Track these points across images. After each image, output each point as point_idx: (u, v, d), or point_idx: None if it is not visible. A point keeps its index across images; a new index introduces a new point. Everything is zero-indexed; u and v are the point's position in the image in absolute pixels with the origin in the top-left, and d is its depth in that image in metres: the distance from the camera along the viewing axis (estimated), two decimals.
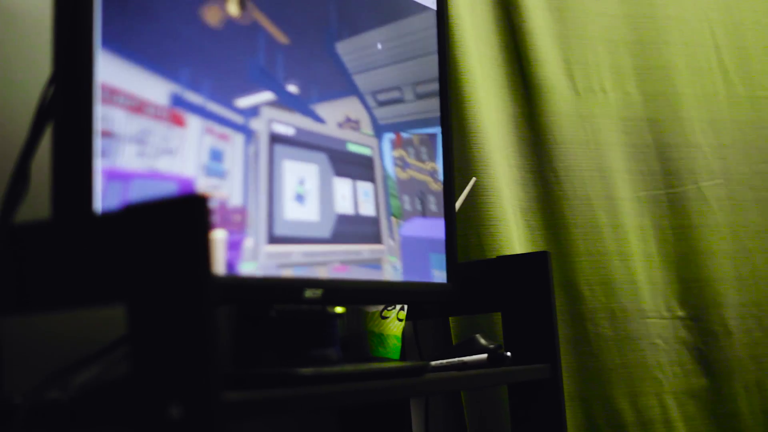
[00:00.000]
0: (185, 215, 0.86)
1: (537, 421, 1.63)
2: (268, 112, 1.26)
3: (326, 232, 1.33)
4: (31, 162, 1.09)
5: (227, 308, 1.28)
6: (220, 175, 1.16)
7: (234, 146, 1.20)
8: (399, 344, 1.62)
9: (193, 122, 1.15)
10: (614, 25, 2.17)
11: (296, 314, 1.28)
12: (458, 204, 1.78)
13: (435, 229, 1.55)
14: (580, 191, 2.06)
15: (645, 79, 2.17)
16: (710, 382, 2.07)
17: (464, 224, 1.97)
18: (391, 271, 1.44)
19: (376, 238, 1.43)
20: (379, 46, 1.47)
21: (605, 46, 2.16)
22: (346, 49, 1.41)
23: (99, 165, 1.03)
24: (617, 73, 2.17)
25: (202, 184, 1.14)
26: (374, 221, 1.43)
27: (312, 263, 1.29)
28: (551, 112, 2.08)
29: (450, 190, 1.62)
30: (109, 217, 0.95)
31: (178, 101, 1.13)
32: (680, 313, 2.08)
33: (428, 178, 1.55)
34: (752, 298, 2.12)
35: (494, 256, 1.83)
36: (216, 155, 1.18)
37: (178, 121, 1.13)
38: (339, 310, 1.38)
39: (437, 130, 1.57)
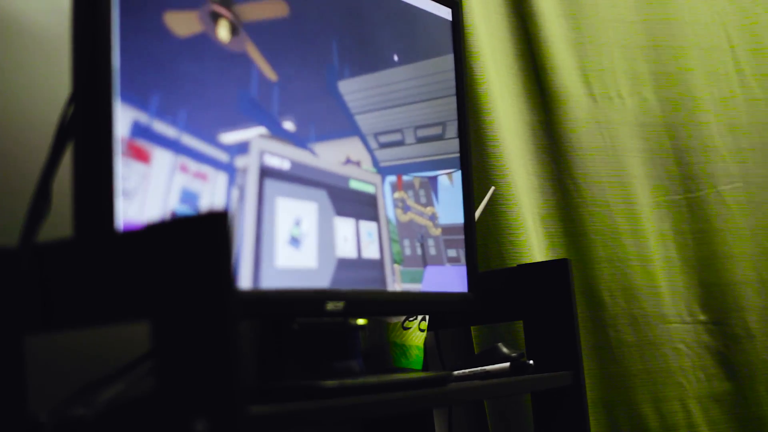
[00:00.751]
0: (207, 232, 0.87)
1: (561, 428, 1.63)
2: (259, 143, 1.18)
3: (325, 280, 1.28)
4: (53, 181, 1.10)
5: (250, 322, 1.28)
6: None
7: (214, 187, 1.11)
8: (421, 355, 1.62)
9: (161, 157, 1.07)
10: (630, 31, 2.17)
11: (318, 327, 1.28)
12: (477, 213, 1.78)
13: (441, 276, 1.53)
14: (599, 198, 2.06)
15: (662, 84, 2.17)
16: (733, 386, 2.06)
17: (484, 233, 1.97)
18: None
19: (381, 283, 1.38)
20: (384, 88, 1.45)
21: (621, 52, 2.16)
22: (348, 88, 1.36)
23: (120, 183, 1.03)
24: (634, 78, 2.17)
25: None
26: (378, 265, 1.37)
27: None
28: (568, 119, 2.08)
29: (469, 199, 1.62)
30: (131, 235, 0.96)
31: (141, 132, 1.06)
32: (702, 318, 2.08)
33: (428, 222, 1.50)
34: None
35: (514, 265, 1.83)
36: (188, 197, 1.09)
37: (141, 156, 1.05)
38: (361, 321, 1.38)
39: (437, 173, 1.54)
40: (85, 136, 1.03)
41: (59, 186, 1.14)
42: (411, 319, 1.59)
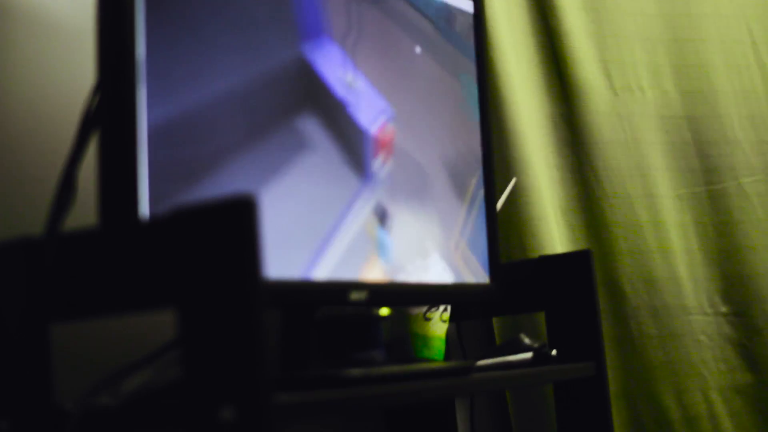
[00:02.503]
0: (234, 218, 0.87)
1: (583, 419, 1.62)
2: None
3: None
4: (78, 171, 1.10)
5: (274, 311, 1.29)
6: None
7: None
8: (443, 346, 1.62)
9: None
10: (650, 24, 2.17)
11: (342, 316, 1.29)
12: (499, 205, 1.78)
13: None
14: (620, 190, 2.06)
15: (682, 77, 2.17)
16: (755, 377, 2.06)
17: (505, 225, 1.97)
18: None
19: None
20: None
21: (642, 44, 2.16)
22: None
23: (145, 171, 1.03)
24: (654, 71, 2.16)
25: None
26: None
27: None
28: (589, 111, 2.08)
29: (491, 191, 1.62)
30: (156, 222, 0.96)
31: None
32: (723, 309, 2.07)
33: None
34: None
35: (536, 256, 1.83)
36: None
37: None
38: (384, 312, 1.38)
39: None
40: (110, 126, 1.04)
41: (84, 176, 1.14)
42: (433, 309, 1.59)
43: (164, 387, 1.05)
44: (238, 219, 0.87)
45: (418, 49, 1.48)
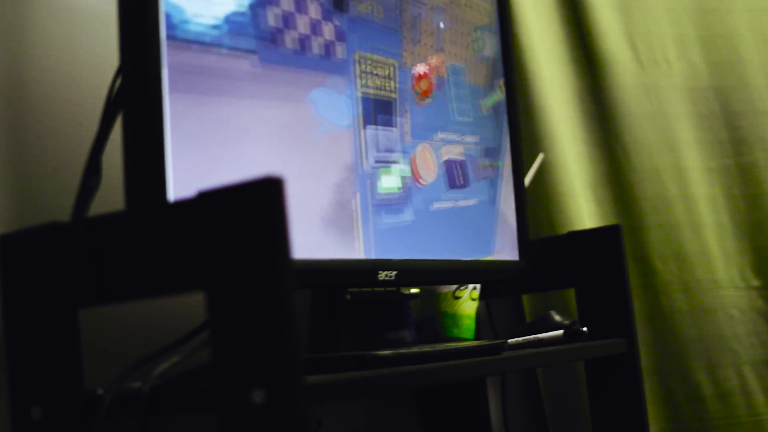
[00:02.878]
0: (261, 198, 0.86)
1: (615, 395, 1.62)
2: None
3: None
4: (102, 154, 1.10)
5: (302, 292, 1.28)
6: None
7: None
8: (473, 324, 1.62)
9: None
10: None
11: (371, 296, 1.28)
12: (527, 180, 1.77)
13: None
14: (648, 163, 2.04)
15: (709, 48, 2.15)
16: None
17: (533, 201, 1.96)
18: None
19: None
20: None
21: (668, 16, 2.14)
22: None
23: (170, 153, 1.03)
24: (681, 43, 2.14)
25: None
26: None
27: None
28: (616, 85, 2.06)
29: (519, 168, 1.61)
30: (183, 204, 0.95)
31: None
32: (755, 283, 2.05)
33: None
34: None
35: (564, 232, 1.82)
36: None
37: None
38: (413, 291, 1.37)
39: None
40: (134, 107, 1.03)
41: (110, 159, 1.14)
42: (462, 288, 1.58)
43: (194, 370, 1.05)
44: (266, 199, 0.86)
45: (441, 25, 1.47)
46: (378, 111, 1.31)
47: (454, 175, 1.45)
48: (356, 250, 1.23)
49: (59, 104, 1.25)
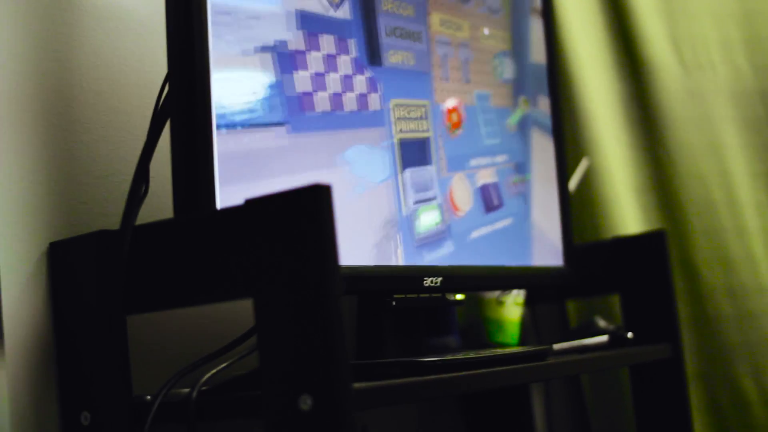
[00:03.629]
0: (309, 206, 0.87)
1: (660, 401, 1.61)
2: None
3: None
4: (150, 162, 1.11)
5: (348, 298, 1.28)
6: None
7: None
8: (518, 330, 1.62)
9: None
10: None
11: (416, 303, 1.28)
12: (572, 186, 1.77)
13: None
14: (693, 168, 2.03)
15: (754, 51, 2.13)
16: None
17: (578, 206, 1.95)
18: None
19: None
20: None
21: (712, 20, 2.13)
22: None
23: (216, 160, 1.04)
24: (725, 46, 2.13)
25: None
26: None
27: None
28: (660, 89, 2.05)
29: (563, 172, 1.61)
30: (231, 212, 0.96)
31: None
32: None
33: None
34: None
35: (609, 238, 1.82)
36: None
37: None
38: (459, 297, 1.37)
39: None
40: (182, 115, 1.04)
41: (159, 167, 1.15)
42: (506, 293, 1.58)
43: (242, 377, 1.06)
44: (314, 206, 0.87)
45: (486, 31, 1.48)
46: (414, 152, 1.32)
47: (490, 198, 1.45)
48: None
49: (108, 112, 1.26)
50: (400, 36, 1.31)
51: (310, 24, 1.17)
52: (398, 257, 1.24)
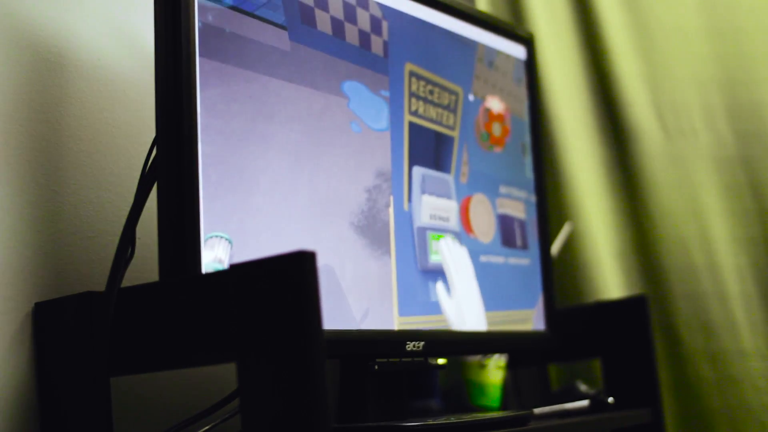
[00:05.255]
0: (294, 272, 0.87)
1: None
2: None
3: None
4: (136, 225, 1.11)
5: (330, 362, 1.29)
6: None
7: None
8: (499, 393, 1.62)
9: None
10: (703, 66, 2.16)
11: (398, 366, 1.29)
12: (555, 249, 1.78)
13: None
14: (674, 233, 2.04)
15: (736, 118, 2.15)
16: None
17: (560, 270, 1.96)
18: None
19: None
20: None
21: (695, 86, 2.15)
22: None
23: (202, 225, 1.04)
24: (708, 113, 2.15)
25: None
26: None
27: None
28: (643, 154, 2.07)
29: (546, 236, 1.62)
30: (217, 276, 0.97)
31: None
32: None
33: None
34: None
35: (591, 302, 1.83)
36: None
37: None
38: (441, 361, 1.38)
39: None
40: (170, 179, 1.05)
41: (145, 230, 1.15)
42: (488, 357, 1.59)
43: None
44: (298, 273, 0.87)
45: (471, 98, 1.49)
46: (430, 148, 1.35)
47: (513, 233, 1.47)
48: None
49: (96, 173, 1.27)
50: None
51: None
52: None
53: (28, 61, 1.22)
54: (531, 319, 1.55)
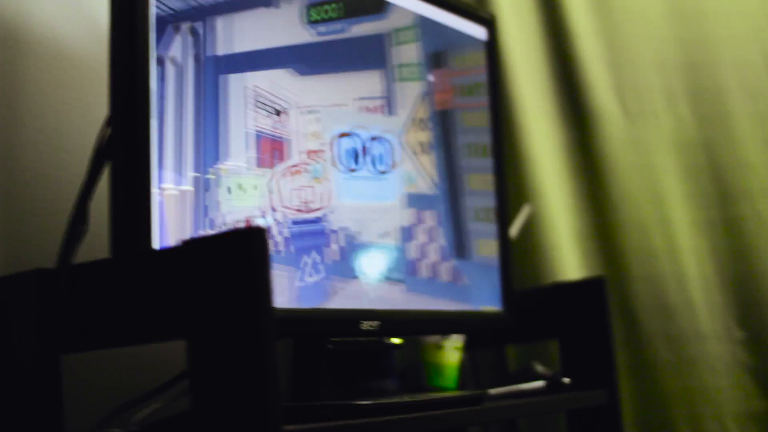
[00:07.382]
0: (245, 248, 0.87)
1: None
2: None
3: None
4: (90, 202, 1.11)
5: (284, 341, 1.29)
6: None
7: None
8: (456, 374, 1.62)
9: None
10: (665, 49, 2.16)
11: (353, 346, 1.29)
12: (514, 231, 1.78)
13: None
14: (634, 216, 2.05)
15: (697, 102, 2.16)
16: None
17: (519, 252, 1.97)
18: None
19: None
20: None
21: (656, 70, 2.15)
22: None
23: (156, 202, 1.04)
24: (669, 96, 2.15)
25: None
26: None
27: None
28: (604, 137, 2.07)
29: (504, 218, 1.62)
30: (168, 253, 0.96)
31: None
32: (739, 335, 2.06)
33: None
34: None
35: (549, 283, 1.83)
36: None
37: None
38: (396, 341, 1.38)
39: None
40: (122, 158, 1.04)
41: (97, 207, 1.15)
42: (446, 338, 1.59)
43: (174, 418, 1.06)
44: (249, 249, 0.87)
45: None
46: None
47: None
48: None
49: (48, 150, 1.26)
50: None
51: None
52: None
53: None
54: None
